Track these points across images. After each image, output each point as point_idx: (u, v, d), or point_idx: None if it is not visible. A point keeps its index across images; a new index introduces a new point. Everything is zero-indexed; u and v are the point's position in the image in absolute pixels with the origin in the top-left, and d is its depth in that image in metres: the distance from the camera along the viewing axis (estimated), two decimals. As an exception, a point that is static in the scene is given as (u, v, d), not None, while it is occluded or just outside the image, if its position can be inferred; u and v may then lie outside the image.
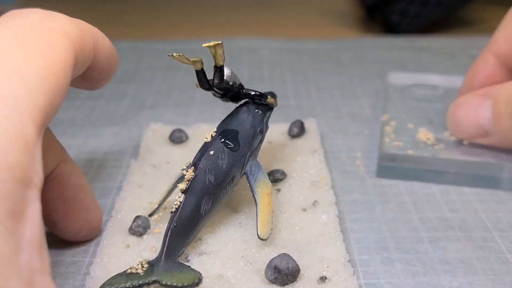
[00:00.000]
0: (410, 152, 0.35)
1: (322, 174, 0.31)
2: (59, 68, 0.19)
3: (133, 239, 0.27)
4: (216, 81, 0.27)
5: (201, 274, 0.23)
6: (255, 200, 0.26)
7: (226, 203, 0.29)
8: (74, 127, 0.41)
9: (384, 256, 0.27)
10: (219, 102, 0.47)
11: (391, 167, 0.34)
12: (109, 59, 0.25)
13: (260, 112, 0.29)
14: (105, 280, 0.23)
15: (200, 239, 0.26)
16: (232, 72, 0.28)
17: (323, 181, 0.30)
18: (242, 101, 0.30)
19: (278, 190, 0.30)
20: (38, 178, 0.17)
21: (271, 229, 0.25)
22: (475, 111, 0.32)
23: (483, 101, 0.32)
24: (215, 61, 0.26)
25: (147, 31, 0.66)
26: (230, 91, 0.28)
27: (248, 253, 0.25)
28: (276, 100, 0.30)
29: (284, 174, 0.31)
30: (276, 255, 0.24)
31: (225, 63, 0.27)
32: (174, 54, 0.25)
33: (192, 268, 0.24)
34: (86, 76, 0.25)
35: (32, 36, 0.19)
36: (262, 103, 0.29)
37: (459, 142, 0.35)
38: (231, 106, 0.46)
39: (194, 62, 0.26)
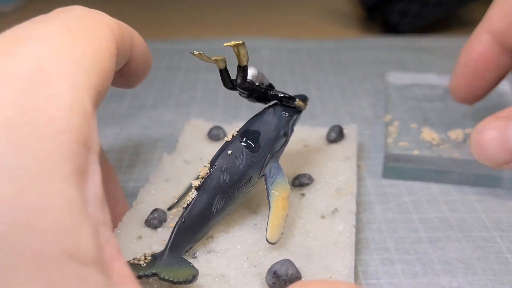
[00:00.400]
0: (415, 152, 0.35)
1: (349, 182, 0.30)
2: (105, 55, 0.21)
3: (147, 231, 0.27)
4: (239, 81, 0.26)
5: (197, 271, 0.23)
6: (269, 203, 0.26)
7: (246, 204, 0.28)
8: (74, 127, 0.41)
9: (384, 256, 0.27)
10: (219, 102, 0.47)
11: (397, 167, 0.34)
12: (145, 57, 0.27)
13: (287, 114, 0.28)
14: None
15: (212, 237, 0.26)
16: (259, 73, 0.27)
17: (348, 189, 0.29)
18: (271, 103, 0.29)
19: (303, 194, 0.29)
20: (96, 145, 0.18)
21: (282, 234, 0.25)
22: (503, 135, 0.29)
23: (510, 123, 0.29)
24: (238, 61, 0.26)
25: (147, 31, 0.66)
26: (256, 92, 0.27)
27: (255, 255, 0.25)
28: (305, 104, 0.29)
29: (311, 179, 0.30)
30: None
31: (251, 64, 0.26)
32: (195, 52, 0.25)
33: (191, 265, 0.24)
34: (123, 72, 0.26)
35: (81, 26, 0.21)
36: (290, 106, 0.29)
37: (464, 142, 0.35)
38: (231, 106, 0.46)
39: (216, 60, 0.25)
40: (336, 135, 0.35)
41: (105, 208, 0.18)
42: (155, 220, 0.27)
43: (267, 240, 0.24)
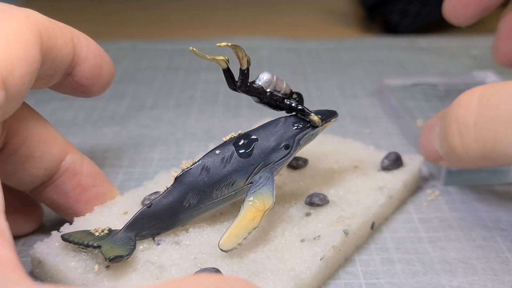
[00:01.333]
0: None
1: (357, 213, 0.28)
2: (15, 41, 0.21)
3: (137, 209, 0.27)
4: (238, 83, 0.26)
5: (126, 254, 0.23)
6: (240, 209, 0.25)
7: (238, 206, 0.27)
8: (74, 127, 0.41)
9: (384, 256, 0.27)
10: (219, 102, 0.47)
11: (460, 172, 0.33)
12: (97, 59, 0.27)
13: (298, 127, 0.27)
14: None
15: (187, 231, 0.26)
16: (276, 79, 0.27)
17: (347, 221, 0.27)
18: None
19: (308, 214, 0.28)
20: None
21: (240, 244, 0.24)
22: (431, 134, 0.30)
23: (437, 123, 0.29)
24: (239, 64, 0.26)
25: (147, 31, 0.66)
26: (265, 97, 0.27)
27: (205, 257, 0.24)
28: (326, 121, 0.27)
29: (324, 201, 0.28)
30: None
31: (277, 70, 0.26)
32: (195, 49, 0.24)
33: (130, 247, 0.24)
34: (76, 76, 0.26)
35: None
36: (305, 119, 0.27)
37: None
38: (231, 106, 0.46)
39: (216, 60, 0.25)
40: (390, 163, 0.32)
41: None
42: (148, 201, 0.27)
43: (218, 246, 0.24)
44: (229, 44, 0.25)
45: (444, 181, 0.33)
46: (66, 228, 0.26)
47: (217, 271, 0.23)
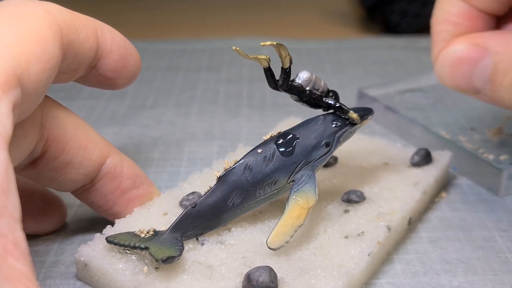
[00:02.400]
0: None
1: (396, 209, 0.28)
2: (31, 38, 0.21)
3: (176, 210, 0.27)
4: (280, 82, 0.26)
5: (177, 255, 0.23)
6: (285, 208, 0.25)
7: (282, 205, 0.27)
8: (74, 127, 0.41)
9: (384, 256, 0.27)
10: (219, 102, 0.47)
11: None
12: (122, 51, 0.26)
13: (337, 125, 0.27)
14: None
15: (229, 230, 0.26)
16: (315, 77, 0.27)
17: (388, 217, 0.27)
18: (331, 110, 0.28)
19: (346, 211, 0.28)
20: (3, 129, 0.17)
21: (287, 242, 0.24)
22: (472, 70, 0.28)
23: (483, 58, 0.27)
24: (281, 63, 0.26)
25: (147, 31, 0.66)
26: (305, 96, 0.27)
27: (253, 256, 0.25)
28: (363, 118, 0.28)
29: (361, 198, 0.29)
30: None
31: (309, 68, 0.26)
32: (238, 48, 0.25)
33: (178, 248, 0.24)
34: (101, 69, 0.26)
35: (5, 13, 0.21)
36: (344, 117, 0.27)
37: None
38: (231, 106, 0.46)
39: (258, 59, 0.25)
40: (420, 159, 0.32)
41: (6, 196, 0.16)
42: (187, 202, 0.27)
43: (267, 244, 0.24)
44: (274, 43, 0.25)
45: (503, 192, 0.32)
46: (108, 231, 0.26)
47: (270, 269, 0.23)
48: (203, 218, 0.25)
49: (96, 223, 0.29)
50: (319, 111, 0.28)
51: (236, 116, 0.43)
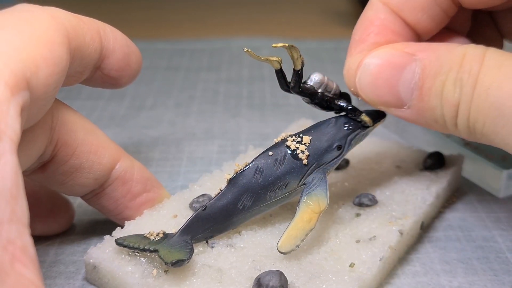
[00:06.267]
0: None
1: (408, 213, 0.28)
2: (40, 42, 0.21)
3: (186, 212, 0.27)
4: (292, 84, 0.26)
5: (187, 258, 0.23)
6: (296, 211, 0.25)
7: (292, 208, 0.27)
8: (74, 127, 0.41)
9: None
10: (219, 102, 0.47)
11: None
12: (125, 50, 0.26)
13: (349, 127, 0.27)
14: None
15: (239, 233, 0.26)
16: (326, 79, 0.26)
17: (400, 221, 0.27)
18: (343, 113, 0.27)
19: (358, 215, 0.28)
20: (11, 134, 0.17)
21: (298, 246, 0.24)
22: (397, 77, 0.24)
23: (409, 63, 0.24)
24: (293, 64, 0.26)
25: (147, 31, 0.66)
26: (316, 98, 0.27)
27: (263, 260, 0.24)
28: (376, 121, 0.27)
29: (373, 201, 0.28)
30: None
31: (319, 70, 0.26)
32: (249, 49, 0.25)
33: (188, 251, 0.24)
34: (105, 69, 0.26)
35: (13, 18, 0.21)
36: (356, 119, 0.27)
37: None
38: (231, 106, 0.46)
39: (269, 60, 0.25)
40: (433, 162, 0.31)
41: (16, 202, 0.16)
42: (197, 204, 0.27)
43: (277, 248, 0.24)
44: (286, 44, 0.25)
45: (503, 192, 0.32)
46: (118, 233, 0.26)
47: (281, 274, 0.23)
48: (213, 221, 0.25)
49: (97, 223, 0.29)
50: (331, 114, 0.27)
51: (236, 116, 0.43)
